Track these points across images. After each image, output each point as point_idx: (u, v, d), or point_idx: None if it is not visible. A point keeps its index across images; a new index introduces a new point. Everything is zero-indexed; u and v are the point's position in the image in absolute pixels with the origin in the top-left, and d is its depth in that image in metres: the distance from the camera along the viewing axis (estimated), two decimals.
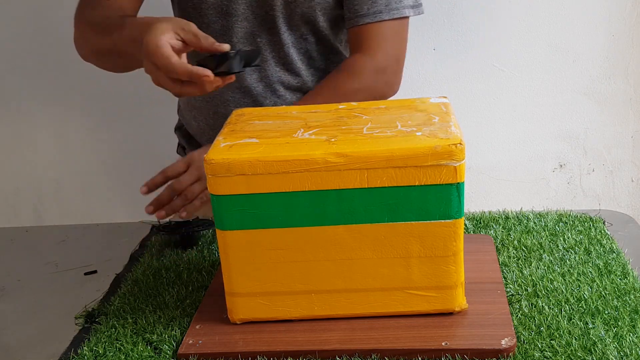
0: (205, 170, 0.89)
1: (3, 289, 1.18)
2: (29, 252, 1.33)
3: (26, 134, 1.95)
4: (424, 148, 0.86)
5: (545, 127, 1.86)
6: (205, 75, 0.94)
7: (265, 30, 1.27)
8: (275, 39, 1.28)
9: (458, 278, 0.93)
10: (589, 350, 0.87)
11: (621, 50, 1.79)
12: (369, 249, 0.91)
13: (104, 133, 1.94)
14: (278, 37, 1.28)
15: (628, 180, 1.92)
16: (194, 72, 0.94)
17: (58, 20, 1.82)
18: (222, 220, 0.91)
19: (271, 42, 1.28)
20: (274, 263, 0.93)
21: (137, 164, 1.94)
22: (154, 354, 0.93)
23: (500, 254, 1.12)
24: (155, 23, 0.99)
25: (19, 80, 1.90)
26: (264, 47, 1.28)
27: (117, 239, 1.32)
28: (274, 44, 1.29)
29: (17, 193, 2.02)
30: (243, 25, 1.26)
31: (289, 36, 1.28)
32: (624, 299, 0.97)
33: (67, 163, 1.97)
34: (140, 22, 1.06)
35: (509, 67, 1.81)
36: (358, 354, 0.89)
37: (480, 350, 0.88)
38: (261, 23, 1.27)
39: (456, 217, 0.89)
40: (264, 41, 1.28)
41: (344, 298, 0.94)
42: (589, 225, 1.20)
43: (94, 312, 1.05)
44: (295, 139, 0.92)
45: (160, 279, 1.12)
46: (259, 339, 0.93)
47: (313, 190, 0.88)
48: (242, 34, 1.27)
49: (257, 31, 1.27)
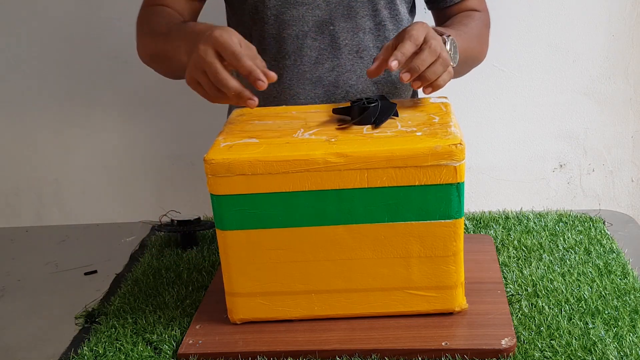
0: (205, 170, 0.89)
1: (3, 289, 1.18)
2: (29, 252, 1.33)
3: (26, 134, 1.95)
4: (424, 148, 0.86)
5: (545, 127, 1.86)
6: (252, 100, 0.93)
7: (340, 17, 1.23)
8: (350, 26, 1.24)
9: (458, 278, 0.93)
10: (589, 350, 0.87)
11: (621, 50, 1.79)
12: (369, 249, 0.91)
13: (104, 133, 1.94)
14: (354, 22, 1.24)
15: (628, 180, 1.92)
16: (244, 91, 0.92)
17: (58, 20, 1.83)
18: (222, 220, 0.91)
19: (345, 29, 1.24)
20: (274, 263, 0.93)
21: (137, 164, 1.94)
22: (154, 354, 0.93)
23: (500, 254, 1.12)
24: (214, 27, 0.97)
25: (19, 80, 1.90)
26: (337, 34, 1.24)
27: (117, 239, 1.32)
28: (347, 31, 1.25)
29: (17, 193, 2.02)
30: (315, 14, 1.23)
31: (367, 21, 1.25)
32: (624, 299, 0.97)
33: (67, 163, 1.97)
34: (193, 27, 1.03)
35: (509, 67, 1.81)
36: (358, 354, 0.89)
37: (480, 350, 0.88)
38: (336, 8, 1.23)
39: (456, 217, 0.89)
40: (336, 28, 1.24)
41: (344, 298, 0.94)
42: (589, 225, 1.20)
43: (94, 312, 1.05)
44: (295, 139, 0.92)
45: (160, 279, 1.12)
46: (259, 339, 0.93)
47: (313, 190, 0.88)
48: (313, 23, 1.23)
49: (330, 18, 1.23)
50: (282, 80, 1.24)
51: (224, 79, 0.92)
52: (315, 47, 1.23)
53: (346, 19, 1.23)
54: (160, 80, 1.84)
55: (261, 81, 0.92)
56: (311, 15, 1.22)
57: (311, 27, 1.23)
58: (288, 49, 1.23)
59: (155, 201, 1.93)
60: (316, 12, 1.22)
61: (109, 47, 1.83)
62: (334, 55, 1.24)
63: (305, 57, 1.23)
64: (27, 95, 1.91)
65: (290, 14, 1.22)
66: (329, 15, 1.23)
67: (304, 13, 1.22)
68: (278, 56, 1.24)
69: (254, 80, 0.92)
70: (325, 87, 1.25)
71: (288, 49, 1.23)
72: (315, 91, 1.25)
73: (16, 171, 2.00)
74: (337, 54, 1.24)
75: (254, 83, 0.92)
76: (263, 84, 0.92)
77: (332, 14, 1.23)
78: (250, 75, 0.92)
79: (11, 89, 1.91)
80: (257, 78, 0.92)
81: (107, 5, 1.79)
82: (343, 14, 1.23)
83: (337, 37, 1.23)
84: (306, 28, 1.23)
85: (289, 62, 1.24)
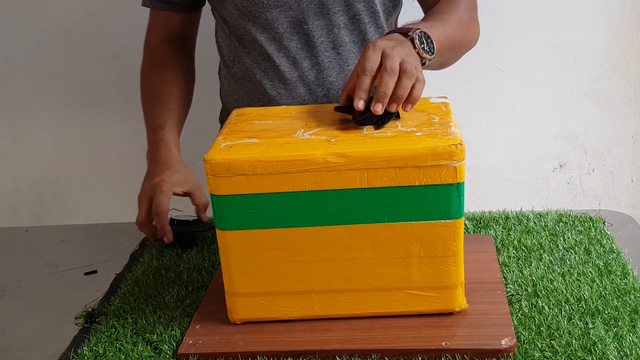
0: (205, 170, 0.89)
1: (3, 289, 1.18)
2: (29, 252, 1.33)
3: (26, 134, 1.95)
4: (424, 148, 0.86)
5: (545, 127, 1.86)
6: (167, 238, 1.18)
7: (313, 15, 1.24)
8: (323, 23, 1.25)
9: (458, 278, 0.93)
10: (589, 350, 0.87)
11: (621, 50, 1.79)
12: (369, 249, 0.91)
13: (104, 133, 1.93)
14: (328, 19, 1.25)
15: (628, 180, 1.91)
16: (166, 229, 1.18)
17: (59, 20, 1.83)
18: (222, 220, 0.91)
19: (319, 26, 1.25)
20: (274, 263, 0.93)
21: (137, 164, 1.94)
22: (154, 354, 0.93)
23: (500, 254, 1.12)
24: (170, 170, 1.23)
25: (19, 80, 1.89)
26: (312, 33, 1.25)
27: (117, 239, 1.32)
28: (322, 28, 1.25)
29: (17, 193, 2.02)
30: (288, 15, 1.23)
31: (341, 17, 1.25)
32: (624, 299, 0.97)
33: (67, 163, 1.97)
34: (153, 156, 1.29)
35: (509, 67, 1.81)
36: (358, 354, 0.89)
37: (480, 350, 0.88)
38: (307, 7, 1.23)
39: (456, 217, 0.89)
40: (311, 27, 1.25)
41: (344, 298, 0.94)
42: (589, 225, 1.20)
43: (94, 312, 1.05)
44: (295, 139, 0.92)
45: (160, 279, 1.12)
46: (259, 339, 0.93)
47: (313, 191, 0.88)
48: (288, 24, 1.24)
49: (303, 17, 1.24)
50: (264, 82, 1.26)
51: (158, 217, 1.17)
52: (292, 48, 1.25)
53: (319, 17, 1.24)
54: None
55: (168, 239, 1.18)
56: (285, 17, 1.24)
57: (286, 29, 1.24)
58: (266, 51, 1.25)
59: None
60: (289, 13, 1.23)
61: (109, 47, 1.82)
62: (311, 54, 1.25)
63: (284, 59, 1.25)
64: (27, 95, 1.91)
65: (264, 18, 1.23)
66: (302, 15, 1.24)
67: (277, 15, 1.23)
68: (259, 59, 1.27)
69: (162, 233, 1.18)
70: (307, 86, 1.27)
71: (266, 52, 1.25)
72: (297, 90, 1.27)
73: (16, 171, 2.00)
74: (314, 52, 1.26)
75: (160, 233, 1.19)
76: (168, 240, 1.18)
77: (305, 13, 1.24)
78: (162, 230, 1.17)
79: (11, 89, 1.91)
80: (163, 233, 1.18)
81: (107, 5, 1.79)
82: (315, 12, 1.24)
83: (312, 35, 1.25)
84: (281, 30, 1.24)
85: (268, 65, 1.26)
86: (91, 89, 1.89)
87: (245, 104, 1.31)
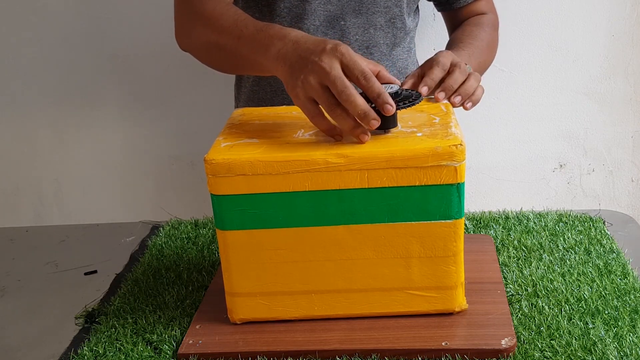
0: (206, 170, 0.89)
1: (3, 289, 1.18)
2: (29, 252, 1.32)
3: (26, 134, 1.95)
4: (424, 149, 0.86)
5: (545, 127, 1.86)
6: (368, 130, 0.87)
7: (351, 12, 1.23)
8: (360, 21, 1.24)
9: (458, 278, 0.93)
10: (589, 350, 0.87)
11: (621, 50, 1.78)
12: (369, 249, 0.91)
13: (104, 133, 1.93)
14: (365, 18, 1.24)
15: (628, 180, 1.91)
16: (370, 112, 0.85)
17: (59, 20, 1.83)
18: (223, 220, 0.91)
19: (356, 24, 1.24)
20: (274, 263, 0.93)
21: (137, 164, 1.94)
22: (154, 354, 0.93)
23: (500, 254, 1.12)
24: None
25: (19, 80, 1.89)
26: (347, 30, 1.24)
27: (117, 239, 1.32)
28: (358, 27, 1.24)
29: (17, 193, 2.02)
30: (327, 9, 1.23)
31: (379, 18, 1.25)
32: (624, 299, 0.97)
33: (67, 163, 1.97)
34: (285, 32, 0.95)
35: (509, 67, 1.81)
36: (358, 354, 0.89)
37: (480, 350, 0.88)
38: (347, 4, 1.23)
39: (456, 217, 0.89)
40: (347, 24, 1.24)
41: (344, 298, 0.94)
42: (589, 225, 1.20)
43: (94, 312, 1.05)
44: (295, 139, 0.92)
45: (160, 279, 1.12)
46: (259, 339, 0.93)
47: (313, 191, 0.88)
48: (324, 18, 1.23)
49: (341, 13, 1.23)
50: None
51: (352, 94, 0.85)
52: None
53: (357, 15, 1.24)
54: (161, 80, 1.85)
55: (375, 120, 0.86)
56: (323, 10, 1.23)
57: (322, 22, 1.23)
58: None
59: (155, 201, 1.93)
60: (328, 7, 1.23)
61: (109, 46, 1.82)
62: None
63: None
64: (27, 95, 1.91)
65: (302, 7, 1.22)
66: (341, 11, 1.23)
67: (316, 7, 1.23)
68: None
69: (381, 104, 0.86)
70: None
71: None
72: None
73: (16, 171, 2.00)
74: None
75: (369, 123, 0.86)
76: (376, 122, 0.86)
77: (344, 9, 1.23)
78: (378, 98, 0.86)
79: (11, 89, 1.91)
80: (385, 102, 0.86)
81: (107, 5, 1.79)
82: (355, 10, 1.23)
83: (348, 32, 1.24)
84: (317, 22, 1.23)
85: None
86: (91, 89, 1.89)
87: (268, 95, 1.30)
